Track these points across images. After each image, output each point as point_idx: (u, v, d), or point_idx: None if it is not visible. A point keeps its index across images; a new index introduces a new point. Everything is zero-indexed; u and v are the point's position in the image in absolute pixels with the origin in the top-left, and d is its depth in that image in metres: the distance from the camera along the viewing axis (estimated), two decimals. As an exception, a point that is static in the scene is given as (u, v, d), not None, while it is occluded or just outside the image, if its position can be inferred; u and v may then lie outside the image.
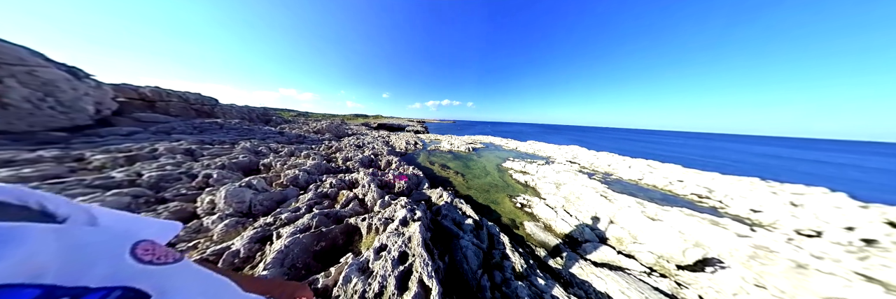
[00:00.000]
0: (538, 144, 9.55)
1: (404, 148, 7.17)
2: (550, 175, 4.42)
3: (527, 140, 11.67)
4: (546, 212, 2.76)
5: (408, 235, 1.47)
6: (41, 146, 2.81)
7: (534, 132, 35.37)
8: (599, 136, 32.77)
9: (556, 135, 29.69)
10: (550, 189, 3.69)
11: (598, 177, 4.80)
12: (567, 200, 3.19)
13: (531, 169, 5.01)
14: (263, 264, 1.18)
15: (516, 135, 19.28)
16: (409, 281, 1.13)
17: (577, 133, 44.53)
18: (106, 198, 1.66)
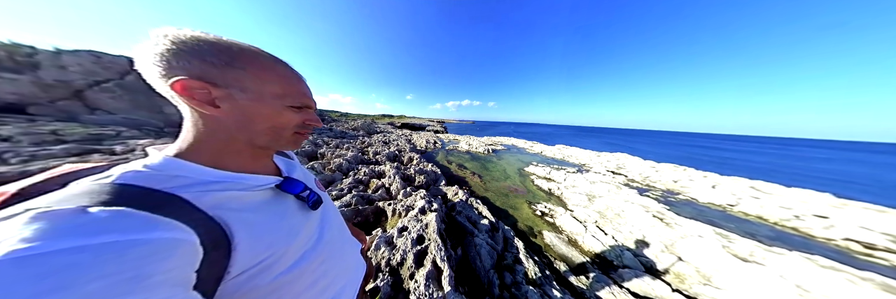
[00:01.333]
0: (570, 149, 8.24)
1: (424, 146, 7.57)
2: (582, 185, 3.79)
3: (555, 143, 10.38)
4: (572, 224, 2.43)
5: (425, 222, 1.63)
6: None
7: (564, 135, 31.14)
8: (647, 141, 26.62)
9: (589, 138, 25.25)
10: (580, 200, 3.18)
11: (655, 194, 3.75)
12: (602, 216, 2.69)
13: (557, 176, 4.41)
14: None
15: (543, 138, 17.47)
16: (425, 260, 1.27)
17: (616, 136, 37.19)
18: None
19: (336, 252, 0.31)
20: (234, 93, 0.21)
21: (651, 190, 3.95)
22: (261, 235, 0.21)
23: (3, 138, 2.40)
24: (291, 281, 0.24)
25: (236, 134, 0.23)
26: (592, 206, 3.00)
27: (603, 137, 31.68)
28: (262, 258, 0.21)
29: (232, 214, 0.20)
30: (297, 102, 0.24)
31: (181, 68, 0.20)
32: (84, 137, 2.88)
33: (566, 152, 7.66)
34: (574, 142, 13.81)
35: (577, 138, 23.23)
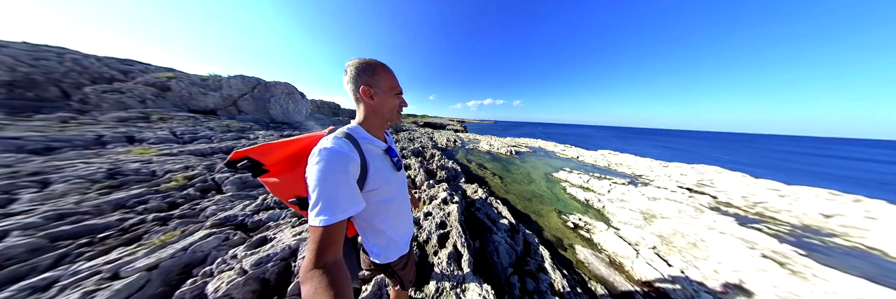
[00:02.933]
0: (619, 156, 6.57)
1: (445, 144, 7.83)
2: (636, 200, 2.99)
3: (597, 148, 8.54)
4: (617, 244, 1.98)
5: (447, 211, 1.71)
6: (285, 128, 6.48)
7: (604, 136, 25.58)
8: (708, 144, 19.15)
9: (638, 141, 19.92)
10: (631, 218, 2.53)
11: (775, 228, 2.45)
12: (665, 241, 2.05)
13: (599, 186, 3.62)
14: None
15: (579, 141, 14.94)
16: (447, 243, 1.34)
17: (667, 138, 28.50)
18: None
19: (404, 205, 0.50)
20: (376, 91, 0.40)
21: (766, 221, 2.64)
22: (377, 172, 0.40)
23: (209, 128, 4.25)
24: (385, 209, 0.44)
25: (378, 114, 0.42)
26: (650, 228, 2.33)
27: (653, 139, 24.62)
28: (374, 186, 0.40)
29: (369, 156, 0.40)
30: (397, 90, 0.42)
31: (361, 80, 0.39)
32: (238, 128, 4.83)
33: (613, 159, 6.13)
34: (620, 146, 11.47)
35: (622, 141, 18.58)
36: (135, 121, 4.24)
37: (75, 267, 0.98)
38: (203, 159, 2.68)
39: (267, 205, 1.69)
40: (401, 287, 0.57)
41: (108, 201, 1.52)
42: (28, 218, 1.24)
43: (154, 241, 1.17)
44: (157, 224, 1.36)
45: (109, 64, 6.08)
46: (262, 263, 1.02)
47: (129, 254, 1.06)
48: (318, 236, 0.29)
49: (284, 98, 8.02)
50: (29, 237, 1.11)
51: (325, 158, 0.32)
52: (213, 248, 1.16)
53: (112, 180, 1.87)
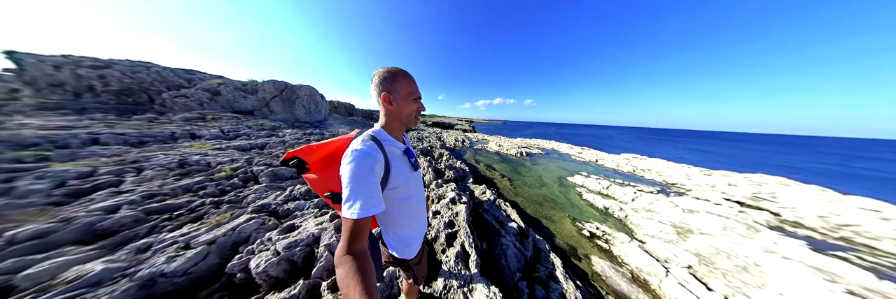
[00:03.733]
0: (647, 161, 5.88)
1: (453, 144, 7.88)
2: (668, 211, 2.64)
3: (619, 151, 7.83)
4: (642, 259, 1.77)
5: (456, 211, 1.71)
6: (307, 127, 7.15)
7: (626, 138, 23.11)
8: (746, 146, 16.25)
9: (664, 143, 17.37)
10: (660, 231, 2.24)
11: (867, 258, 1.93)
12: (705, 261, 1.76)
13: (621, 194, 3.27)
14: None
15: (598, 142, 13.79)
16: (455, 242, 1.35)
17: (699, 141, 24.61)
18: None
19: (421, 203, 0.54)
20: (396, 97, 0.43)
21: (856, 250, 2.09)
22: (398, 172, 0.44)
23: (248, 126, 4.92)
24: (404, 207, 0.48)
25: (397, 118, 0.46)
26: (685, 244, 2.03)
27: (683, 141, 21.21)
28: (395, 185, 0.44)
29: (392, 156, 0.44)
30: (415, 95, 0.45)
31: (382, 87, 0.43)
32: (270, 127, 5.52)
33: (639, 164, 5.48)
34: (646, 149, 10.19)
35: (647, 143, 16.30)
36: (195, 120, 5.13)
37: (161, 236, 1.24)
38: (244, 153, 3.14)
39: (293, 196, 1.91)
40: (414, 281, 0.61)
41: (180, 186, 1.88)
42: (131, 196, 1.62)
43: (211, 221, 1.42)
44: (213, 207, 1.64)
45: (179, 74, 7.43)
46: (291, 247, 1.17)
47: (195, 230, 1.31)
48: (350, 227, 0.34)
49: (307, 100, 8.90)
50: (133, 210, 1.44)
51: (356, 159, 0.37)
52: (253, 230, 1.36)
53: (181, 169, 2.30)
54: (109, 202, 1.51)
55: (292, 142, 4.28)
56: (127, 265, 1.02)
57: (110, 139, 3.05)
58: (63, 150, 2.43)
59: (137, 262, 1.04)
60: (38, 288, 0.90)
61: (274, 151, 3.46)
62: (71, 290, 0.88)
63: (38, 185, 1.65)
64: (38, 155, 2.27)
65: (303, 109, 8.59)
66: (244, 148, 3.49)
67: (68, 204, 1.52)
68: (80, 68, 5.69)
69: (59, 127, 3.28)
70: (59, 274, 0.96)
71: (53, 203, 1.53)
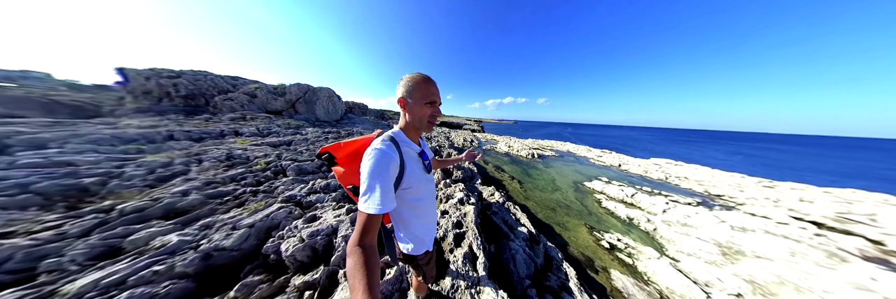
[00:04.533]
0: (684, 167, 5.08)
1: (462, 144, 7.85)
2: (710, 227, 2.25)
3: (647, 155, 7.08)
4: (674, 280, 1.55)
5: (464, 212, 1.71)
6: (326, 126, 7.81)
7: (655, 140, 20.29)
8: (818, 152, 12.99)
9: (709, 147, 14.58)
10: (700, 249, 1.92)
11: None
12: (762, 291, 1.46)
13: (650, 203, 2.89)
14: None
15: (621, 145, 12.49)
16: (462, 243, 1.35)
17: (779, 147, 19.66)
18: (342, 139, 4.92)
19: (431, 205, 0.56)
20: (411, 101, 0.46)
21: None
22: (411, 173, 0.47)
23: (278, 125, 5.60)
24: (415, 207, 0.51)
25: (412, 121, 0.48)
26: (733, 268, 1.71)
27: (728, 145, 17.48)
28: (408, 185, 0.46)
29: (407, 157, 0.46)
30: (429, 100, 0.46)
31: (401, 92, 0.47)
32: (295, 126, 6.17)
33: (674, 171, 4.77)
34: (682, 153, 8.94)
35: (683, 146, 13.92)
36: (238, 120, 6.00)
37: (218, 217, 1.51)
38: (274, 149, 3.58)
39: (314, 190, 2.12)
40: (423, 279, 0.64)
41: (228, 175, 2.24)
42: (196, 183, 1.99)
43: (250, 207, 1.67)
44: (251, 195, 1.92)
45: (226, 80, 8.75)
46: (314, 235, 1.31)
47: (239, 215, 1.55)
48: (363, 221, 0.37)
49: (326, 101, 9.74)
50: (198, 195, 1.78)
51: (374, 157, 0.40)
52: (282, 218, 1.56)
53: (228, 161, 2.74)
54: (183, 187, 1.88)
55: (313, 139, 4.72)
56: (193, 239, 1.27)
57: (180, 135, 3.76)
58: (152, 144, 3.10)
59: (201, 237, 1.28)
60: (138, 252, 1.17)
61: (299, 148, 3.85)
62: (158, 256, 1.13)
63: (138, 171, 2.13)
64: (137, 148, 2.94)
65: (322, 109, 9.43)
66: (275, 144, 3.98)
67: (157, 187, 1.93)
68: (161, 78, 7.08)
69: (149, 126, 4.16)
70: (150, 241, 1.24)
71: (148, 185, 1.96)
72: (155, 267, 1.05)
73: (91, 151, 2.60)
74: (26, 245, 1.11)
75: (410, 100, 0.45)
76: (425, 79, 0.45)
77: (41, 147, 2.59)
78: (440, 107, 0.48)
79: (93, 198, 1.71)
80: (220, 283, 1.08)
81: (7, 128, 2.86)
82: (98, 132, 3.20)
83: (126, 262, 1.06)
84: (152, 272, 1.02)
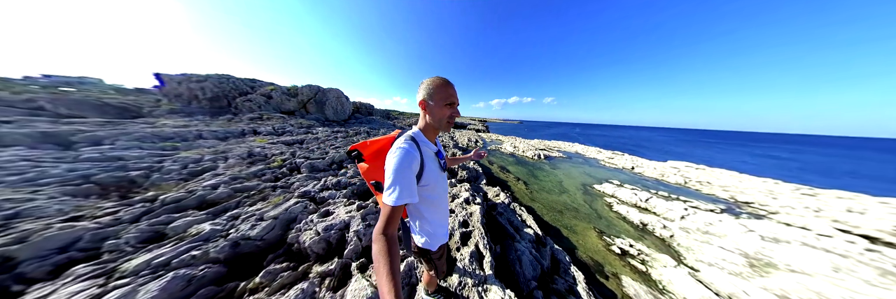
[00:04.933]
0: (706, 171, 4.72)
1: (466, 144, 7.88)
2: (736, 236, 2.10)
3: (664, 157, 6.78)
4: (692, 289, 1.47)
5: (470, 211, 1.73)
6: (334, 126, 8.10)
7: (673, 141, 19.05)
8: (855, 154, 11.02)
9: (733, 149, 13.40)
10: (724, 259, 1.79)
11: None
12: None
13: (666, 208, 2.74)
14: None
15: (635, 146, 11.90)
16: (469, 241, 1.37)
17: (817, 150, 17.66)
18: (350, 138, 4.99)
19: (445, 203, 0.60)
20: (432, 103, 0.49)
21: None
22: (430, 171, 0.50)
23: (291, 125, 5.95)
24: (431, 203, 0.55)
25: (432, 122, 0.52)
26: (763, 281, 1.59)
27: (756, 147, 16.07)
28: (426, 183, 0.50)
29: (426, 156, 0.50)
30: (448, 101, 0.49)
31: (421, 94, 0.51)
32: (306, 125, 6.51)
33: (694, 174, 4.45)
34: (703, 156, 8.31)
35: (702, 148, 12.81)
36: (256, 120, 6.42)
37: (244, 209, 1.65)
38: (289, 147, 3.82)
39: (326, 186, 2.23)
40: (435, 273, 0.68)
41: (250, 172, 2.43)
42: (223, 178, 2.18)
43: (272, 201, 1.81)
44: (271, 190, 2.07)
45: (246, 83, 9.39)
46: (328, 229, 1.39)
47: (263, 207, 1.69)
48: (387, 212, 0.40)
49: (335, 101, 10.16)
50: (226, 188, 1.95)
51: (399, 155, 0.44)
52: (299, 212, 1.67)
53: (250, 158, 2.95)
54: (212, 181, 2.07)
55: (324, 138, 4.96)
56: (223, 228, 1.40)
57: (208, 134, 4.11)
58: (185, 142, 3.43)
59: (230, 227, 1.41)
60: (178, 237, 1.32)
61: (310, 146, 4.06)
62: (194, 242, 1.26)
63: (174, 166, 2.36)
64: (173, 145, 3.25)
65: (331, 110, 9.86)
66: (289, 143, 4.24)
67: (190, 180, 2.14)
68: (191, 82, 7.76)
69: (181, 125, 4.58)
70: (188, 229, 1.39)
71: (183, 179, 2.17)
72: (193, 251, 1.17)
73: (136, 148, 2.93)
74: (92, 227, 1.29)
75: (431, 102, 0.48)
76: (444, 83, 0.48)
77: (97, 143, 2.95)
78: (458, 108, 0.51)
79: (139, 188, 1.93)
80: (247, 269, 1.19)
81: (72, 126, 3.29)
82: (141, 131, 3.59)
83: (169, 247, 1.20)
84: (191, 256, 1.14)
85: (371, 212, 1.63)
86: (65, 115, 4.36)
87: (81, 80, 8.94)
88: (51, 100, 4.41)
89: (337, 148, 4.05)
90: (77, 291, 0.91)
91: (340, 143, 4.52)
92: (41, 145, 2.65)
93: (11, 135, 2.64)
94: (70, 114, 4.48)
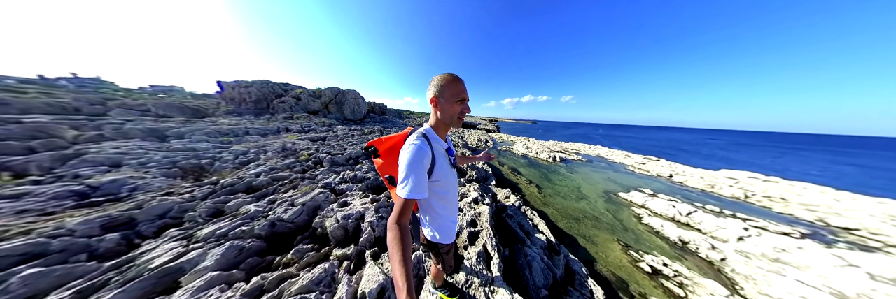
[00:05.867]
0: (780, 185, 3.73)
1: (476, 144, 7.84)
2: (826, 270, 1.63)
3: (715, 163, 5.60)
4: None
5: (478, 211, 1.72)
6: (351, 124, 8.86)
7: (722, 144, 15.49)
8: None
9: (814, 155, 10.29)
10: (803, 295, 1.43)
11: None
12: None
13: (715, 225, 2.29)
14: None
15: (673, 150, 10.04)
16: (477, 242, 1.36)
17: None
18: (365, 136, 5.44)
19: (455, 199, 0.61)
20: (442, 99, 0.50)
21: None
22: (440, 167, 0.52)
23: (316, 123, 6.66)
24: (441, 199, 0.57)
25: (443, 118, 0.52)
26: None
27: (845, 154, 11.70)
28: (436, 178, 0.52)
29: (437, 153, 0.52)
30: (459, 97, 0.49)
31: (432, 91, 0.51)
32: (328, 124, 7.26)
33: (761, 188, 3.57)
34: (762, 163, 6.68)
35: (765, 153, 9.95)
36: (288, 119, 7.39)
37: (279, 195, 1.94)
38: (314, 143, 4.32)
39: (344, 180, 2.46)
40: (443, 267, 0.70)
41: (284, 164, 2.83)
42: (264, 168, 2.59)
43: (300, 190, 2.08)
44: (300, 180, 2.38)
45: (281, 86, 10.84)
46: (346, 218, 1.55)
47: (294, 194, 1.96)
48: (400, 204, 0.44)
49: (353, 102, 11.06)
50: (266, 177, 2.32)
51: (412, 151, 0.46)
52: (322, 201, 1.88)
53: (283, 152, 3.43)
54: (256, 170, 2.47)
55: (342, 135, 5.50)
56: (263, 210, 1.67)
57: (253, 131, 4.90)
58: (236, 137, 4.16)
59: (269, 210, 1.68)
60: (232, 215, 1.61)
61: (331, 143, 4.53)
62: (243, 219, 1.53)
63: (229, 157, 2.89)
64: (228, 140, 3.97)
65: (349, 110, 10.77)
66: (313, 139, 4.80)
67: (240, 169, 2.60)
68: (241, 88, 9.31)
69: (234, 123, 5.55)
70: (239, 208, 1.69)
71: (235, 167, 2.65)
72: (242, 227, 1.43)
73: (205, 141, 3.66)
74: (179, 201, 1.67)
75: (442, 98, 0.49)
76: (454, 79, 0.49)
77: (180, 137, 3.77)
78: (469, 104, 0.52)
79: (206, 173, 2.42)
80: (281, 246, 1.40)
81: (166, 124, 4.29)
82: (208, 127, 4.48)
83: (227, 221, 1.48)
84: (241, 230, 1.40)
85: (383, 206, 1.74)
86: (162, 116, 5.71)
87: (171, 89, 11.54)
88: (153, 104, 5.88)
89: (354, 145, 4.43)
90: (170, 248, 1.19)
91: (357, 141, 4.93)
92: (148, 138, 3.51)
93: (132, 130, 3.56)
94: (165, 115, 5.84)
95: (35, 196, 1.57)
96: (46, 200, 1.55)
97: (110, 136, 3.23)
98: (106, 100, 5.48)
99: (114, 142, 2.93)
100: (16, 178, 1.89)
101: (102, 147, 2.65)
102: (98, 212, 1.44)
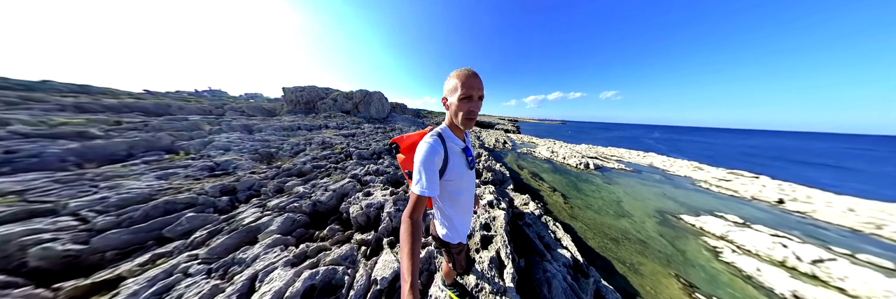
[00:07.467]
0: None
1: (493, 144, 7.65)
2: None
3: (865, 187, 3.59)
4: None
5: (493, 215, 1.66)
6: (376, 123, 10.02)
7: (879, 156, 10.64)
8: None
9: None
10: None
11: None
12: None
13: (884, 290, 1.48)
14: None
15: (770, 159, 7.12)
16: (490, 247, 1.32)
17: None
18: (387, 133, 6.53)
19: (470, 200, 0.61)
20: (450, 98, 0.49)
21: None
22: (454, 166, 0.52)
23: (348, 122, 7.89)
24: (455, 199, 0.57)
25: (453, 118, 0.51)
26: None
27: None
28: (449, 178, 0.52)
29: (451, 152, 0.52)
30: (464, 95, 0.46)
31: (444, 90, 0.51)
32: (357, 122, 8.44)
33: None
34: None
35: None
36: (328, 117, 8.89)
37: (319, 181, 2.40)
38: (345, 139, 5.07)
39: (369, 172, 2.81)
40: (454, 266, 0.71)
41: (322, 155, 3.45)
42: (308, 157, 3.25)
43: (333, 178, 2.51)
44: (334, 169, 2.86)
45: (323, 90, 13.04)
46: (368, 207, 1.77)
47: (328, 181, 2.38)
48: (413, 199, 0.46)
49: (378, 102, 12.38)
50: (310, 165, 2.90)
51: (423, 150, 0.47)
52: (350, 189, 2.21)
53: (323, 145, 4.18)
54: (303, 159, 3.10)
55: (368, 132, 6.26)
56: (308, 192, 2.08)
57: (303, 127, 6.14)
58: (292, 132, 5.34)
59: (311, 192, 2.09)
60: (288, 193, 2.08)
61: (359, 139, 5.23)
62: (295, 198, 1.96)
63: (287, 147, 3.73)
64: (287, 134, 5.13)
65: (375, 109, 12.11)
66: (345, 135, 5.64)
67: (294, 157, 3.32)
68: (297, 92, 11.74)
69: (291, 121, 7.10)
70: (293, 188, 2.17)
71: (290, 156, 3.40)
72: (295, 203, 1.83)
73: (273, 134, 4.86)
74: (258, 178, 2.29)
75: (450, 97, 0.48)
76: (461, 74, 0.45)
77: (260, 131, 5.13)
78: (482, 103, 0.47)
79: (274, 159, 3.21)
80: (319, 223, 1.72)
81: (252, 121, 5.90)
82: (275, 124, 5.89)
83: (285, 197, 1.92)
84: (294, 206, 1.79)
85: (400, 199, 1.89)
86: (250, 115, 7.89)
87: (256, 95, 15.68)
88: (246, 107, 8.33)
89: (377, 141, 4.97)
90: (253, 212, 1.65)
91: (380, 138, 5.50)
92: (243, 131, 4.92)
93: (234, 126, 5.07)
94: (251, 114, 8.05)
95: (191, 168, 2.44)
96: (196, 170, 2.40)
97: (225, 130, 4.68)
98: (223, 104, 8.10)
99: (226, 134, 4.21)
100: (186, 155, 2.97)
101: (221, 137, 3.86)
102: (218, 181, 2.13)
